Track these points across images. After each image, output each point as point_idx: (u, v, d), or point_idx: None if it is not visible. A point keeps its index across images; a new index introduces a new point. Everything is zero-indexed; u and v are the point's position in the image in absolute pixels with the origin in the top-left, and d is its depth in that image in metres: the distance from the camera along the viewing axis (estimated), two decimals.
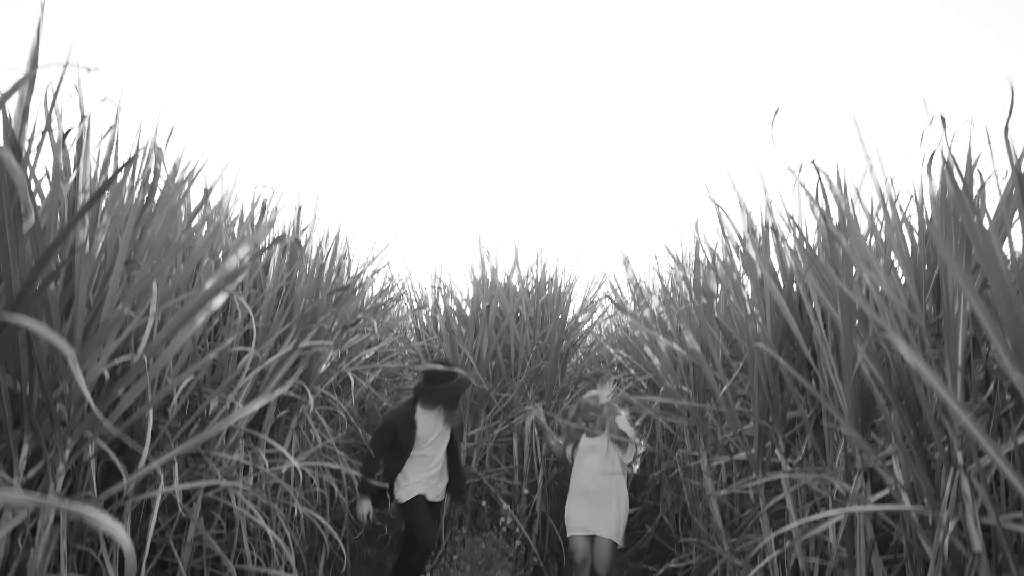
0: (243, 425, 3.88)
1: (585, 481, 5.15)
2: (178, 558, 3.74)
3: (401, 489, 5.11)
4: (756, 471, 3.62)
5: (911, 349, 2.10)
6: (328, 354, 4.78)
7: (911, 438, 2.63)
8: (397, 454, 5.07)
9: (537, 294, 6.71)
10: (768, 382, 3.67)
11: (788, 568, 3.86)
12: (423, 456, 5.12)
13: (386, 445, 5.06)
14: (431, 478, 5.14)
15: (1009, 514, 2.33)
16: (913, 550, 2.81)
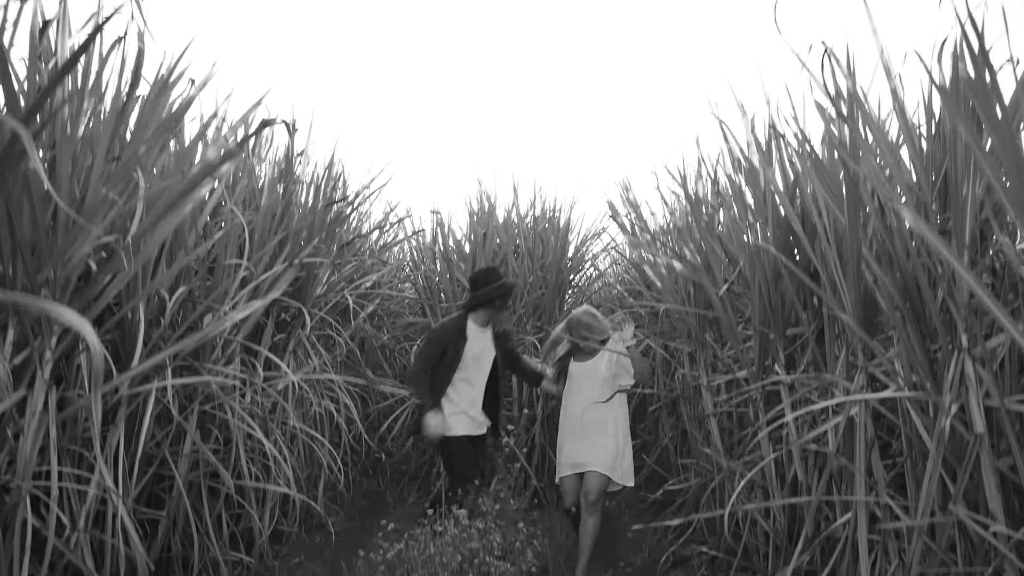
0: (239, 337, 3.84)
1: (577, 411, 4.49)
2: (175, 470, 3.73)
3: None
4: (756, 378, 3.58)
5: (917, 216, 2.03)
6: (324, 275, 4.72)
7: (913, 325, 2.58)
8: (437, 379, 4.60)
9: (535, 226, 6.63)
10: (769, 292, 3.62)
11: (787, 483, 3.86)
12: (465, 382, 4.63)
13: (435, 359, 4.57)
14: (471, 407, 4.64)
15: (1013, 396, 2.29)
16: (913, 446, 2.78)
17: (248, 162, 4.39)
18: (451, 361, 4.55)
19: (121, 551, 2.98)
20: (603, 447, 4.34)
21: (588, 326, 4.47)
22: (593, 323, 4.49)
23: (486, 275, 4.59)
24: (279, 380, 4.23)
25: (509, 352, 4.84)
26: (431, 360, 4.57)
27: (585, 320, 4.50)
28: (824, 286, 3.13)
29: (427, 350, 4.62)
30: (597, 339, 4.41)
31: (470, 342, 4.61)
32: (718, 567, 4.52)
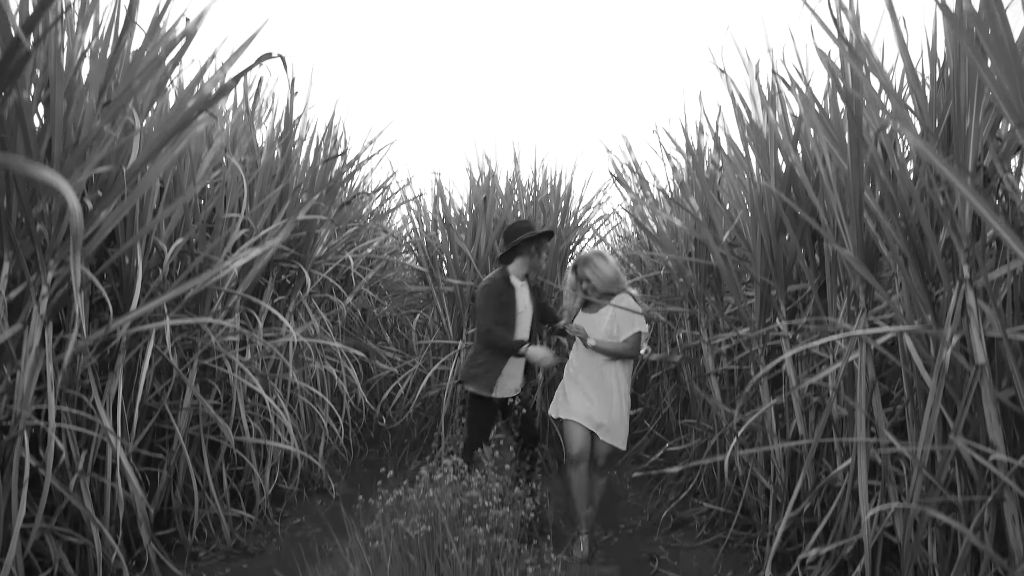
0: (240, 291, 3.82)
1: (578, 363, 4.22)
2: (175, 423, 3.73)
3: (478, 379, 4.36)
4: (756, 325, 3.56)
5: (919, 137, 2.01)
6: (324, 235, 4.70)
7: (915, 265, 2.56)
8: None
9: (537, 194, 6.60)
10: (771, 244, 3.59)
11: (788, 434, 3.85)
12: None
13: (498, 309, 4.27)
14: (511, 366, 4.37)
15: (1015, 327, 2.27)
16: (915, 388, 2.76)
17: (247, 121, 4.36)
18: (505, 314, 4.30)
19: (120, 495, 2.98)
20: (619, 416, 4.12)
21: (593, 266, 4.15)
22: (599, 264, 4.14)
23: (517, 226, 4.41)
24: (279, 338, 4.22)
25: (544, 306, 4.64)
26: (497, 310, 4.27)
27: (594, 260, 4.18)
28: (827, 230, 3.10)
29: (488, 303, 4.29)
30: (598, 288, 4.14)
31: (517, 293, 4.38)
32: (718, 527, 4.52)
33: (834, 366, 3.05)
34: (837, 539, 3.00)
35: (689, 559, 4.22)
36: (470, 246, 6.18)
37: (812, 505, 3.52)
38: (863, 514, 2.74)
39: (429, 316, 6.89)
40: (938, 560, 2.64)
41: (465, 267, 6.15)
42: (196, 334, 3.79)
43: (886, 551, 3.04)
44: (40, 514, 2.66)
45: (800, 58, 3.29)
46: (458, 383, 4.56)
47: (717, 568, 3.99)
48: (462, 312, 6.27)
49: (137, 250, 3.07)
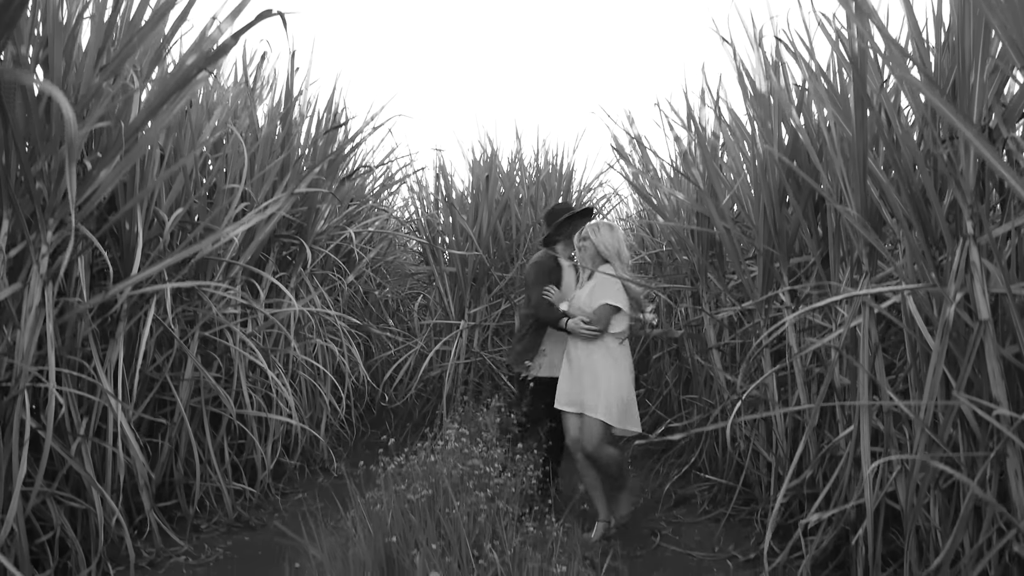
0: (241, 262, 3.82)
1: (571, 348, 4.04)
2: (176, 394, 3.73)
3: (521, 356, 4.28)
4: (760, 301, 3.55)
5: (927, 82, 1.99)
6: (325, 210, 4.69)
7: (919, 227, 2.55)
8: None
9: (538, 176, 6.59)
10: (774, 214, 3.58)
11: (791, 404, 3.84)
12: None
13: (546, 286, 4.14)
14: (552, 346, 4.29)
15: (1019, 282, 2.25)
16: (917, 354, 2.75)
17: (248, 95, 4.35)
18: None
19: (121, 460, 2.98)
20: (606, 391, 3.86)
21: (597, 230, 3.96)
22: (604, 231, 3.95)
23: (557, 208, 4.39)
24: (281, 311, 4.21)
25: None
26: (544, 285, 4.16)
27: (601, 225, 4.00)
28: (830, 195, 3.09)
29: (538, 278, 4.19)
30: (594, 252, 3.96)
31: (564, 272, 4.29)
32: (719, 502, 4.51)
33: (837, 331, 3.04)
34: (839, 504, 2.99)
35: (691, 534, 4.21)
36: (472, 226, 6.17)
37: (814, 475, 3.52)
38: (865, 473, 2.74)
39: (431, 297, 6.90)
40: (940, 522, 2.63)
41: (468, 247, 6.14)
42: (197, 305, 3.79)
43: (888, 519, 3.03)
44: (40, 476, 2.66)
45: (805, 24, 3.26)
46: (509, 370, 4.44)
47: (719, 541, 3.99)
48: (464, 292, 6.26)
49: (138, 216, 3.06)
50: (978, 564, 2.26)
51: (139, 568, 3.26)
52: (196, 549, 3.60)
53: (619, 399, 3.86)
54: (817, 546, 3.27)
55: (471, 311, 6.27)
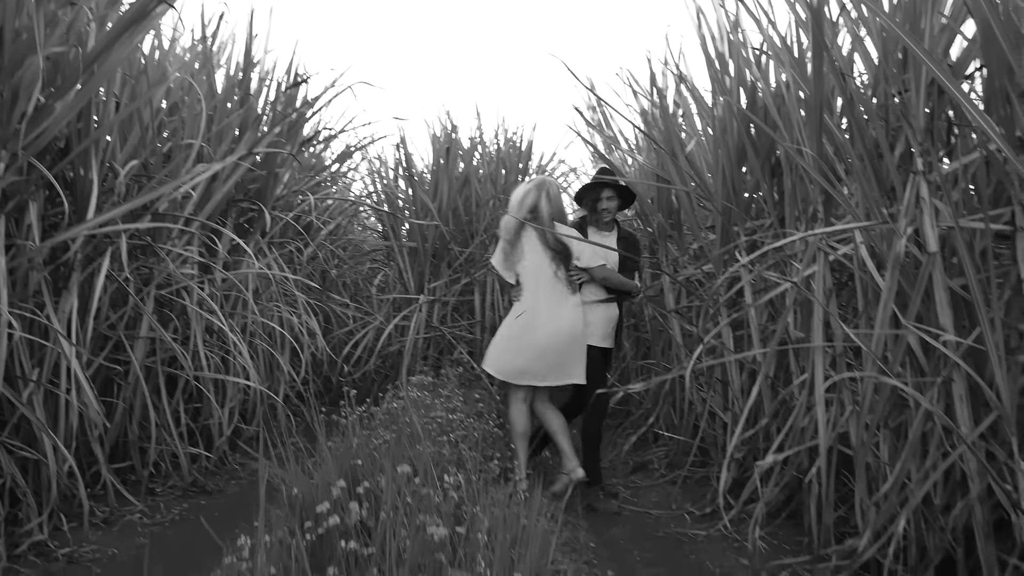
0: (202, 218, 3.75)
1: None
2: (131, 353, 3.65)
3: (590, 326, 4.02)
4: (718, 256, 3.63)
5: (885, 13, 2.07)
6: (284, 175, 4.64)
7: (871, 172, 2.64)
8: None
9: (498, 153, 6.62)
10: (733, 174, 3.66)
11: (746, 369, 3.94)
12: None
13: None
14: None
15: (967, 217, 2.35)
16: (868, 300, 2.85)
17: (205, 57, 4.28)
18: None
19: (75, 406, 2.92)
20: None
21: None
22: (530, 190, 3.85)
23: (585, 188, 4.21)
24: (240, 271, 4.16)
25: (626, 259, 4.14)
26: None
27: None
28: (786, 140, 3.17)
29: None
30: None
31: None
32: (676, 465, 4.59)
33: (787, 284, 3.14)
34: (793, 446, 3.08)
35: (648, 496, 4.29)
36: (432, 200, 6.17)
37: (768, 427, 3.61)
38: (819, 393, 2.82)
39: (390, 273, 6.87)
40: (889, 459, 2.73)
41: (428, 220, 6.14)
42: (154, 262, 3.72)
43: (839, 464, 3.13)
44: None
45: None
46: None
47: (676, 499, 4.07)
48: (424, 267, 6.26)
49: (92, 162, 3.00)
50: (923, 486, 2.35)
51: (92, 525, 3.19)
52: (151, 510, 3.54)
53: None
54: (772, 491, 3.36)
55: (431, 285, 6.27)
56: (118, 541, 3.13)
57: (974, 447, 2.16)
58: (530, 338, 3.80)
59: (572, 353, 3.86)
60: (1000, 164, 2.24)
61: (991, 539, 2.22)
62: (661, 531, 3.69)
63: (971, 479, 2.24)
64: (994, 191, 2.45)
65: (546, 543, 1.95)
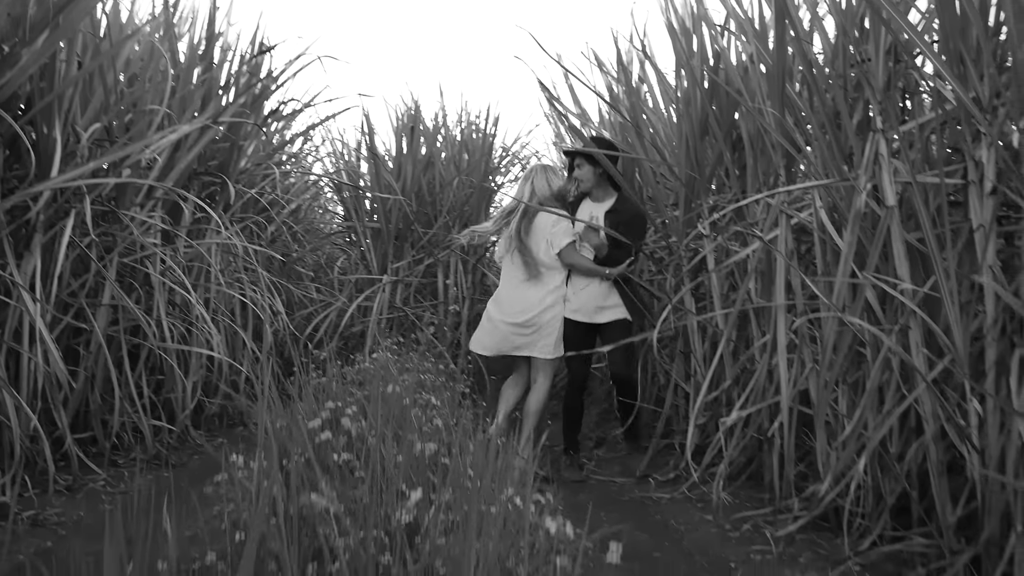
0: (168, 184, 3.70)
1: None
2: (93, 321, 3.59)
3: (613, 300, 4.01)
4: (680, 228, 3.73)
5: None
6: (248, 147, 4.60)
7: (832, 135, 2.75)
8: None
9: (462, 135, 6.65)
10: (696, 147, 3.76)
11: (708, 339, 4.04)
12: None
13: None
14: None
15: (923, 173, 2.47)
16: (828, 260, 2.97)
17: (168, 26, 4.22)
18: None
19: (40, 366, 2.87)
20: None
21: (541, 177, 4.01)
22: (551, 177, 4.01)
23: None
24: (205, 242, 4.12)
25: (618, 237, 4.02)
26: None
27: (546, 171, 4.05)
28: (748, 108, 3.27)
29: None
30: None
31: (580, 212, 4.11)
32: (641, 438, 4.68)
33: (752, 246, 3.24)
34: (756, 403, 3.19)
35: (612, 466, 4.37)
36: (396, 180, 6.17)
37: (730, 392, 3.72)
38: (781, 365, 2.93)
39: (353, 254, 6.84)
40: (847, 412, 2.85)
41: (391, 201, 6.13)
42: (116, 229, 3.66)
43: (799, 425, 3.24)
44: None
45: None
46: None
47: (640, 467, 4.15)
48: (387, 247, 6.25)
49: (56, 120, 2.95)
50: (880, 429, 2.46)
51: (56, 492, 3.14)
52: (115, 479, 3.49)
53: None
54: (734, 452, 3.47)
55: (394, 266, 6.26)
56: (83, 507, 3.09)
57: (930, 388, 2.28)
58: (497, 317, 4.05)
59: (529, 331, 3.99)
60: (954, 122, 2.37)
61: (944, 477, 2.34)
62: (626, 496, 3.77)
63: (926, 421, 2.36)
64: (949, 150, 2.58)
65: (525, 477, 2.00)
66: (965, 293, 2.35)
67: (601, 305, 3.95)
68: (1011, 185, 2.38)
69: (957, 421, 2.21)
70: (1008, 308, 2.18)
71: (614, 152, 3.85)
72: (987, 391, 2.17)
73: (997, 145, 2.17)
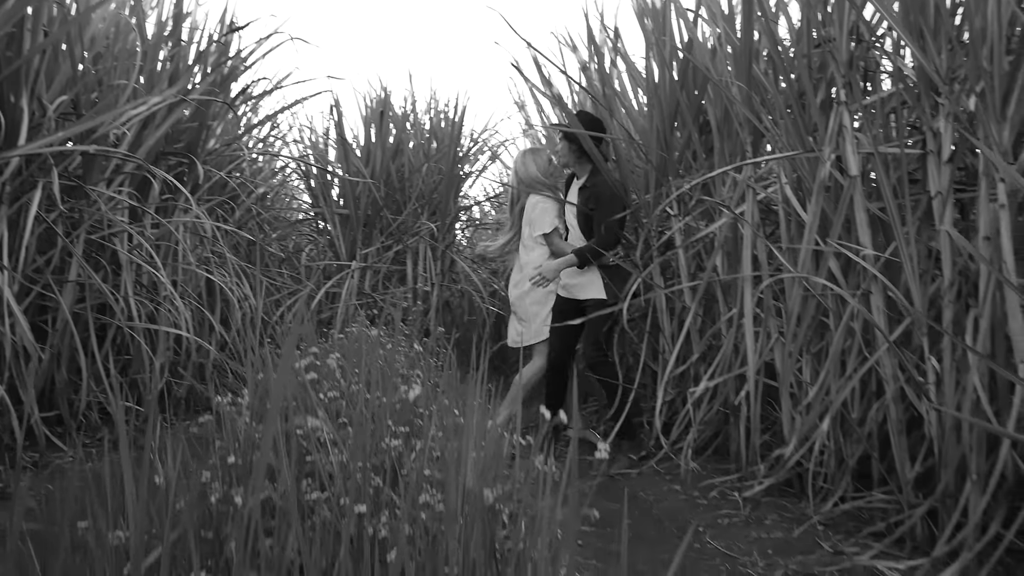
0: (139, 157, 3.66)
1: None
2: (59, 296, 3.54)
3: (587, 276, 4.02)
4: (650, 212, 3.80)
5: None
6: (217, 128, 4.57)
7: (796, 113, 2.85)
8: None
9: (431, 121, 6.67)
10: (666, 132, 3.83)
11: (676, 317, 4.12)
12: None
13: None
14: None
15: (885, 144, 2.57)
16: (792, 233, 3.06)
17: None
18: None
19: (8, 337, 2.83)
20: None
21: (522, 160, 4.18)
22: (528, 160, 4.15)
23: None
24: (174, 219, 4.08)
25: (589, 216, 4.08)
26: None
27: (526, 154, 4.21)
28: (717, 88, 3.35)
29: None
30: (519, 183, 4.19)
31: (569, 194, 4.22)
32: (608, 419, 4.76)
33: (720, 221, 3.33)
34: (724, 373, 3.28)
35: (580, 446, 4.43)
36: (366, 166, 6.16)
37: (697, 369, 3.81)
38: (748, 335, 3.01)
39: (321, 241, 6.81)
40: (811, 380, 2.95)
41: (360, 188, 6.11)
42: (84, 205, 3.61)
43: (764, 395, 3.34)
44: None
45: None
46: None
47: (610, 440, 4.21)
48: (356, 233, 6.24)
49: (23, 89, 2.91)
50: (843, 392, 2.56)
51: (23, 468, 3.10)
52: (83, 459, 3.45)
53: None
54: (701, 426, 3.56)
55: (363, 252, 6.26)
56: (52, 481, 3.05)
57: (892, 347, 2.38)
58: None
59: (518, 315, 4.27)
60: (914, 96, 2.47)
61: (903, 435, 2.44)
62: (595, 471, 3.84)
63: (886, 382, 2.46)
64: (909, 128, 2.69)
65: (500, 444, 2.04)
66: (923, 261, 2.45)
67: (574, 282, 4.01)
68: (966, 161, 2.50)
69: (916, 378, 2.31)
70: (964, 271, 2.28)
71: (582, 131, 3.91)
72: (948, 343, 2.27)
73: (954, 115, 2.27)
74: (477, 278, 6.38)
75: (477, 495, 1.31)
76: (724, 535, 2.76)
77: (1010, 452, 2.02)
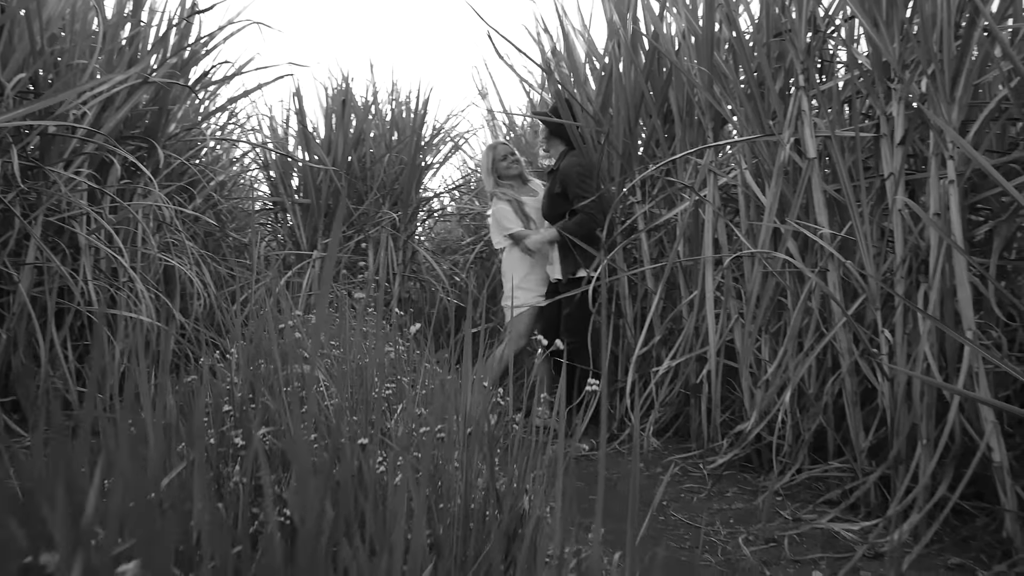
0: (97, 140, 3.60)
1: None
2: (17, 277, 3.46)
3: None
4: (617, 189, 3.88)
5: None
6: (178, 112, 4.51)
7: (757, 99, 2.94)
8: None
9: (393, 111, 6.66)
10: (630, 119, 3.91)
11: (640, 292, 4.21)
12: None
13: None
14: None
15: (841, 129, 2.68)
16: (750, 201, 3.17)
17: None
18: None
19: None
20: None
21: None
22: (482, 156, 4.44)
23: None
24: (135, 203, 4.02)
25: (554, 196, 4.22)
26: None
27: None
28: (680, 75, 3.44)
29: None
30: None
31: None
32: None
33: (683, 206, 3.42)
34: (685, 354, 3.37)
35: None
36: (327, 154, 6.13)
37: (659, 352, 3.90)
38: (709, 316, 3.11)
39: (281, 231, 6.75)
40: (770, 359, 3.05)
41: (321, 178, 6.09)
42: (43, 186, 3.54)
43: (724, 376, 3.44)
44: None
45: None
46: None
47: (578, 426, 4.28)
48: (317, 222, 6.21)
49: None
50: (800, 368, 2.66)
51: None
52: (43, 444, 3.38)
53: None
54: (663, 407, 3.65)
55: (324, 242, 6.23)
56: (14, 464, 2.99)
57: (849, 321, 2.49)
58: None
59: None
60: (868, 82, 2.58)
61: (857, 407, 2.55)
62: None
63: (842, 356, 2.57)
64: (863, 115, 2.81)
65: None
66: (876, 240, 2.57)
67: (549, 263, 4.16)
68: (915, 147, 2.62)
69: (870, 350, 2.42)
70: (914, 249, 2.40)
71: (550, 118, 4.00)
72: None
73: (906, 99, 2.39)
74: (440, 269, 6.41)
75: (479, 420, 1.36)
76: (687, 508, 2.85)
77: (957, 416, 2.14)
